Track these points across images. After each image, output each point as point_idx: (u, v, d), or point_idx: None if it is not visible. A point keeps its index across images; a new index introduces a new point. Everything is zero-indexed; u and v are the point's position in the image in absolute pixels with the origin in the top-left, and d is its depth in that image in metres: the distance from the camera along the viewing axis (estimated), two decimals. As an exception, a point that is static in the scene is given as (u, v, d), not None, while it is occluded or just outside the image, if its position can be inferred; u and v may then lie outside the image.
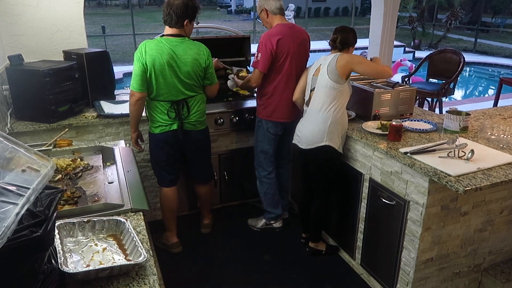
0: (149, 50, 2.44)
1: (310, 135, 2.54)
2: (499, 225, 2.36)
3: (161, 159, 2.72)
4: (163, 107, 2.55)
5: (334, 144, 2.50)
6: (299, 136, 2.64)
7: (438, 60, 5.19)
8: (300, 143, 2.64)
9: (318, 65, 2.57)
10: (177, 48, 2.46)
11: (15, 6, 3.00)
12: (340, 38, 2.52)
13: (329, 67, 2.45)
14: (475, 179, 1.88)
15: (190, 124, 2.63)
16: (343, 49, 2.53)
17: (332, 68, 2.44)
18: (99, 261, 1.24)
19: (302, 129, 2.62)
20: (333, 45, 2.56)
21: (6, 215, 0.87)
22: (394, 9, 4.69)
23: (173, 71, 2.47)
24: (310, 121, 2.56)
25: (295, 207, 3.51)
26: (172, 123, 2.59)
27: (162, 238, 2.97)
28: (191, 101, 2.60)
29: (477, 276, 2.47)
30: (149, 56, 2.43)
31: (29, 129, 2.65)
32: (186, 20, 2.47)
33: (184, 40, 2.51)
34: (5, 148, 1.02)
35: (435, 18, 16.34)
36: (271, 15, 2.76)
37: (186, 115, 2.60)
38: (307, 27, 15.51)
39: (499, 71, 11.32)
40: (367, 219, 2.55)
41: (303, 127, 2.62)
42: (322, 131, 2.49)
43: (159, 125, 2.60)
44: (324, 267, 2.81)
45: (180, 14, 2.43)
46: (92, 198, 1.66)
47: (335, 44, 2.54)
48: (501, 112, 2.99)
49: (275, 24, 2.75)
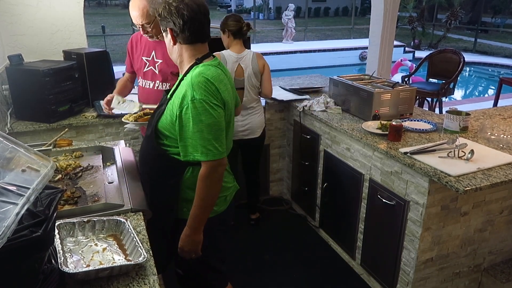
0: (224, 90, 1.57)
1: (259, 123, 2.94)
2: (499, 225, 2.36)
3: (221, 255, 1.91)
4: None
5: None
6: (249, 129, 2.90)
7: (438, 60, 5.19)
8: (252, 133, 2.91)
9: (236, 66, 2.78)
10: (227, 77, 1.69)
11: (15, 6, 3.00)
12: (246, 25, 2.78)
13: (254, 67, 2.79)
14: (475, 179, 1.88)
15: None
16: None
17: (256, 68, 2.79)
18: (99, 261, 1.24)
19: (252, 121, 2.89)
20: (240, 33, 2.78)
21: (6, 215, 0.87)
22: (394, 9, 4.69)
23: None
24: (254, 113, 2.91)
25: (295, 207, 3.52)
26: (234, 181, 1.83)
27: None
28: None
29: (477, 276, 2.47)
30: (226, 98, 1.58)
31: (29, 129, 2.65)
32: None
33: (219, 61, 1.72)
34: (5, 148, 1.02)
35: (435, 18, 16.34)
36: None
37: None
38: (307, 27, 15.54)
39: (499, 71, 11.32)
40: (367, 219, 2.55)
41: (250, 120, 2.88)
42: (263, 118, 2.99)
43: (225, 196, 1.74)
44: (324, 267, 2.82)
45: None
46: (92, 198, 1.66)
47: (243, 31, 2.78)
48: (501, 112, 2.98)
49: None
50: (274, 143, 3.52)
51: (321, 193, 3.03)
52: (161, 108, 1.64)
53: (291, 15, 13.16)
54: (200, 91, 1.47)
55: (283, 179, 3.70)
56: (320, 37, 16.61)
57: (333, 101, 3.00)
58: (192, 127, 1.48)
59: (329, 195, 2.94)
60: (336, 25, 20.78)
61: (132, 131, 2.85)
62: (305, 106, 3.05)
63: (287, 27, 13.32)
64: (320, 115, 2.89)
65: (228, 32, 2.77)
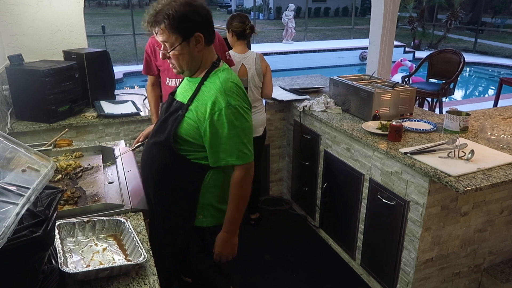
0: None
1: (261, 122, 2.97)
2: (499, 225, 2.36)
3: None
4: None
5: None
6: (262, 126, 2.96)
7: (438, 60, 5.19)
8: (255, 132, 2.88)
9: (239, 66, 2.81)
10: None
11: (15, 6, 3.00)
12: (250, 26, 2.78)
13: (257, 68, 2.85)
14: (475, 179, 1.88)
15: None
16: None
17: (259, 69, 2.86)
18: (99, 261, 1.24)
19: (255, 120, 2.86)
20: (243, 34, 2.80)
21: (6, 215, 0.87)
22: (394, 9, 4.69)
23: None
24: (257, 112, 2.93)
25: (295, 207, 3.51)
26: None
27: None
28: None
29: (477, 276, 2.47)
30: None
31: (29, 129, 2.65)
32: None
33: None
34: (5, 148, 1.02)
35: (435, 18, 16.32)
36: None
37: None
38: (307, 27, 15.54)
39: (499, 71, 11.33)
40: (367, 219, 2.55)
41: (255, 118, 2.85)
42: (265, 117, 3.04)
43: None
44: (324, 267, 2.82)
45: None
46: (92, 198, 1.66)
47: (246, 33, 2.80)
48: (501, 112, 2.98)
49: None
50: (274, 143, 3.52)
51: (321, 193, 3.03)
52: (176, 113, 1.59)
53: (291, 15, 13.16)
54: (234, 96, 1.49)
55: (283, 179, 3.70)
56: (320, 37, 16.62)
57: (333, 101, 3.00)
58: (228, 133, 1.48)
59: (329, 195, 2.95)
60: (336, 25, 20.79)
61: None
62: (305, 106, 3.05)
63: (287, 27, 13.32)
64: (320, 115, 2.89)
65: (232, 32, 2.81)
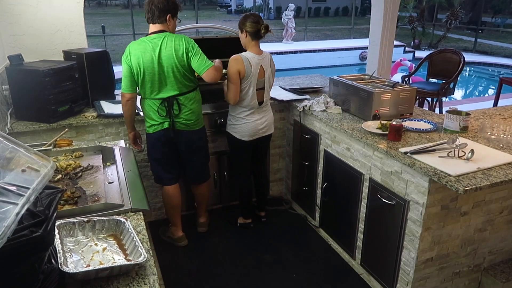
0: (133, 51, 2.49)
1: (272, 119, 3.03)
2: (499, 225, 2.36)
3: (157, 157, 2.76)
4: (154, 105, 2.59)
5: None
6: (267, 126, 2.95)
7: (438, 60, 5.19)
8: (269, 129, 2.99)
9: (259, 67, 2.75)
10: (158, 44, 2.48)
11: (15, 6, 3.00)
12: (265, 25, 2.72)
13: (272, 69, 2.86)
14: (475, 179, 1.88)
15: (181, 124, 2.65)
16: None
17: (273, 70, 2.89)
18: (99, 261, 1.24)
19: (268, 118, 2.95)
20: (258, 35, 2.73)
21: (6, 215, 0.87)
22: (394, 9, 4.69)
23: (159, 68, 2.50)
24: (269, 110, 2.98)
25: (295, 207, 3.51)
26: (163, 121, 2.62)
27: (167, 232, 3.05)
28: (182, 99, 2.60)
29: (477, 276, 2.47)
30: (134, 56, 2.49)
31: (29, 129, 2.65)
32: (169, 15, 2.51)
33: (165, 35, 2.51)
34: (5, 148, 1.02)
35: (435, 18, 16.32)
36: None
37: (177, 113, 2.61)
38: (307, 27, 15.53)
39: (499, 71, 11.32)
40: (367, 219, 2.55)
41: (267, 117, 2.94)
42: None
43: (151, 124, 2.64)
44: (324, 267, 2.82)
45: (162, 8, 2.48)
46: (92, 198, 1.66)
47: (261, 33, 2.73)
48: (501, 112, 2.99)
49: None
50: (274, 143, 3.52)
51: (321, 193, 3.04)
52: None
53: (291, 15, 13.15)
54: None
55: (283, 179, 3.70)
56: (320, 37, 16.61)
57: (333, 101, 3.00)
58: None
59: (329, 195, 2.95)
60: (336, 25, 20.77)
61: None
62: (305, 106, 3.05)
63: (287, 27, 13.31)
64: (320, 115, 2.89)
65: (245, 32, 2.71)
